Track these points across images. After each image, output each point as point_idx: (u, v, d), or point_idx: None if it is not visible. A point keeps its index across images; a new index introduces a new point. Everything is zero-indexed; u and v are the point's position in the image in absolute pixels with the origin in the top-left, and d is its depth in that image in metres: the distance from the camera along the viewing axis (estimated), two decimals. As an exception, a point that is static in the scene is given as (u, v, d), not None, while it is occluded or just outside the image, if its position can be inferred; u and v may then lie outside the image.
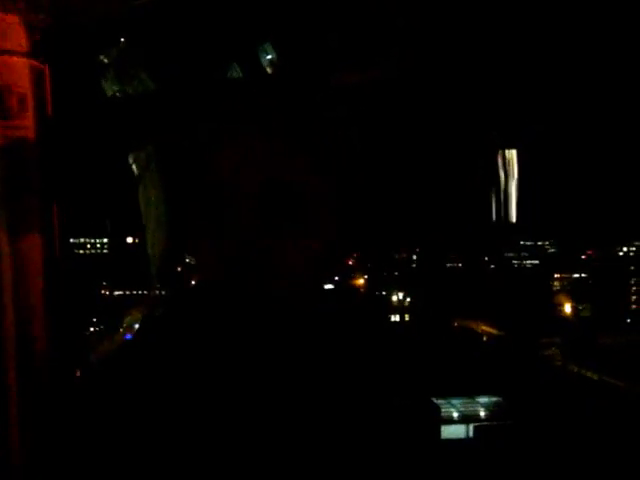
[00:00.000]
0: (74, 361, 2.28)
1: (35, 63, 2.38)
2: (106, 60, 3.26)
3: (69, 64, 2.56)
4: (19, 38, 2.29)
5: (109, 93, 3.52)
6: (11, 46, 2.30)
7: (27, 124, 2.44)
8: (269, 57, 3.05)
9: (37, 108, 2.44)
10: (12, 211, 2.22)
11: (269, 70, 3.00)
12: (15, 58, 2.35)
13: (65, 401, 2.15)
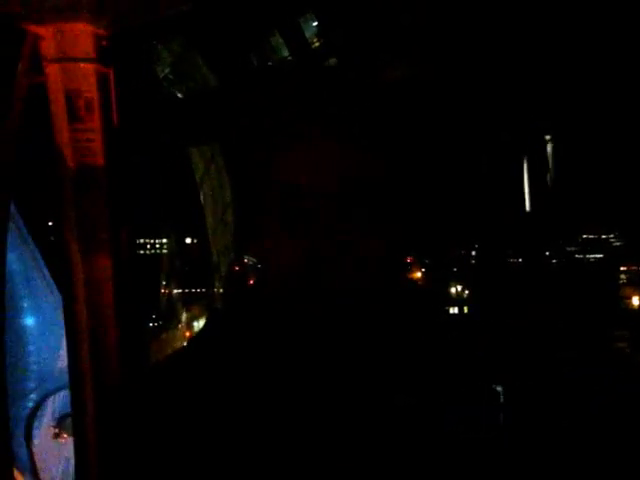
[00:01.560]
0: (142, 361, 2.37)
1: (101, 68, 2.48)
2: (167, 57, 3.35)
3: (131, 66, 2.66)
4: (87, 45, 2.39)
5: (169, 89, 3.62)
6: (79, 53, 2.40)
7: (94, 126, 2.55)
8: (314, 25, 3.04)
9: (103, 111, 2.54)
10: (84, 220, 2.32)
11: (315, 42, 3.01)
12: (83, 65, 2.46)
13: (136, 400, 2.24)
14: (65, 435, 4.05)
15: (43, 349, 4.14)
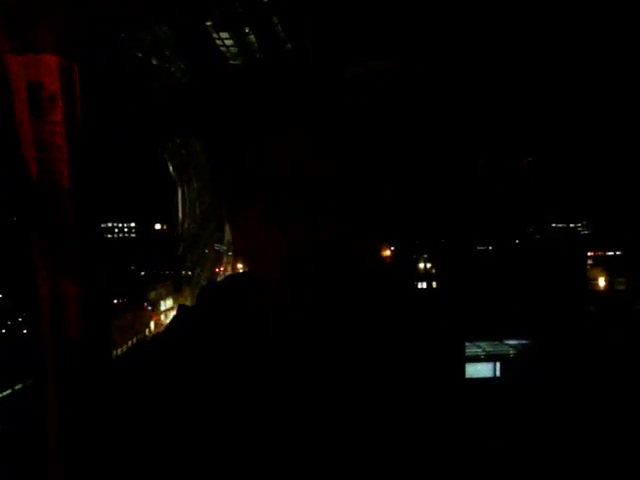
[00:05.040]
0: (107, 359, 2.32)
1: (64, 61, 2.40)
2: (138, 53, 3.26)
3: (98, 60, 2.57)
4: (49, 38, 2.31)
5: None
6: (41, 45, 2.32)
7: (57, 119, 2.47)
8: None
9: (67, 104, 2.46)
10: (49, 225, 2.24)
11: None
12: (45, 56, 2.37)
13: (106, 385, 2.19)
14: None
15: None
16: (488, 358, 18.88)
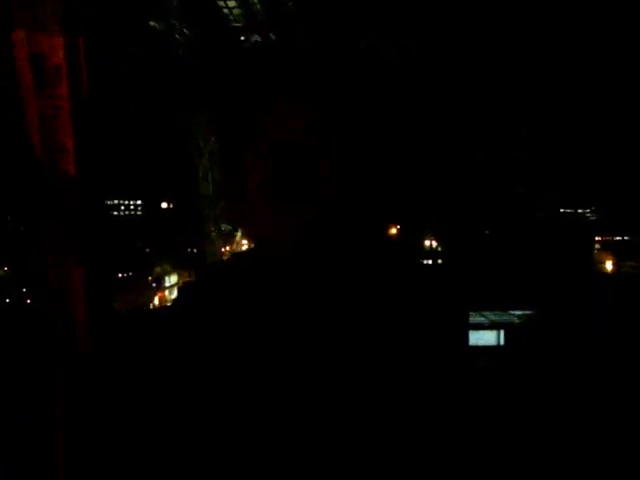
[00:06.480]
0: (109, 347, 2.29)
1: (70, 34, 2.33)
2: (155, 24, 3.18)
3: (106, 33, 2.50)
4: (54, 9, 2.23)
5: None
6: (47, 19, 2.25)
7: (62, 93, 2.41)
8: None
9: (72, 77, 2.40)
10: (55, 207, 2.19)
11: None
12: (50, 30, 2.30)
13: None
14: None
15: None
16: (492, 326, 19.05)
